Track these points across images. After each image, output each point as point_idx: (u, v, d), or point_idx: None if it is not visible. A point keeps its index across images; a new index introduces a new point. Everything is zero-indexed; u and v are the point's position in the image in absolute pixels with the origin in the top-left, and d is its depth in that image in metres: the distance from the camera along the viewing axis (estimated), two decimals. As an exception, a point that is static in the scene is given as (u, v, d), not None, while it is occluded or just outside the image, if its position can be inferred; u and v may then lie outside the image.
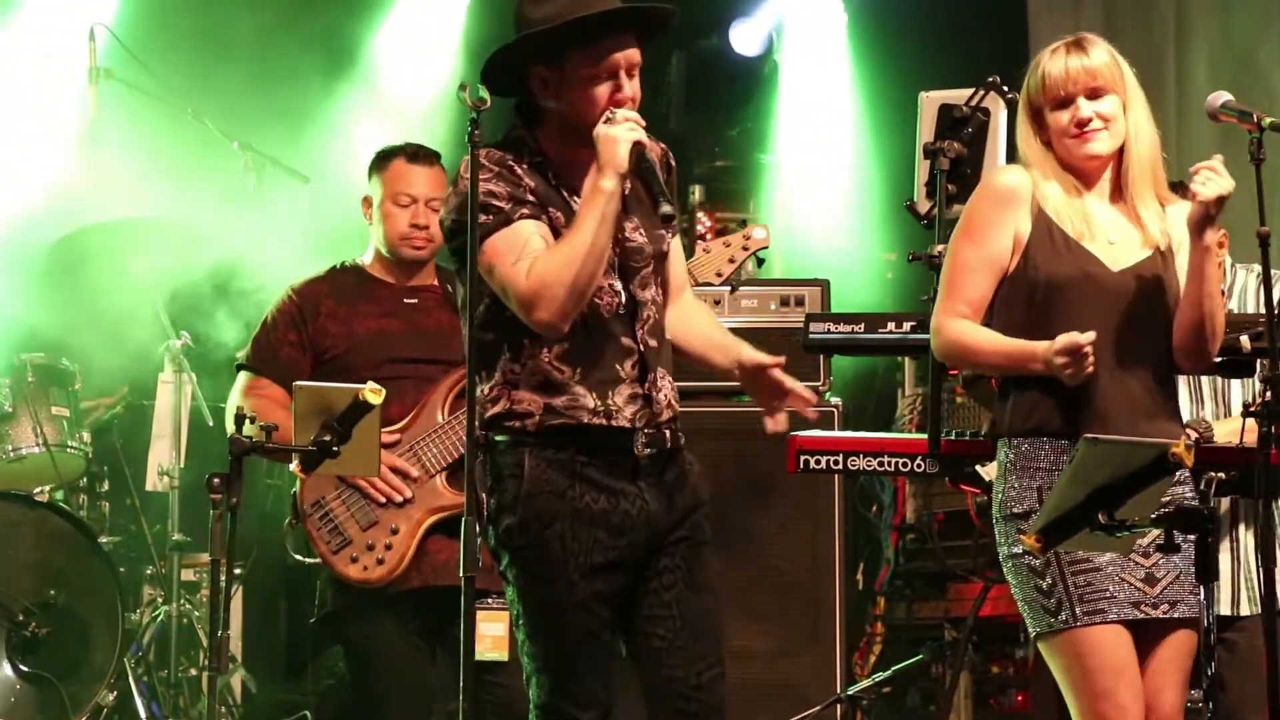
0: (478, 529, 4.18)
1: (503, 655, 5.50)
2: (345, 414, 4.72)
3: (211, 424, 6.65)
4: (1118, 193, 4.49)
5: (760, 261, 5.65)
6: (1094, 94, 4.41)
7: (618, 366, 4.28)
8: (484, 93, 4.34)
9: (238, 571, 6.88)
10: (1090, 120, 4.39)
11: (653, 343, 4.32)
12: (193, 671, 6.39)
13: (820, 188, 8.85)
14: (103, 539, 6.64)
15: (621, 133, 4.17)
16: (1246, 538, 5.15)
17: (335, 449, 4.74)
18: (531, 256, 4.18)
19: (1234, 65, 9.07)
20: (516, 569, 4.31)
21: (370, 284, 5.77)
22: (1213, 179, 4.33)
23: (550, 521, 4.26)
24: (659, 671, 4.32)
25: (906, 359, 8.10)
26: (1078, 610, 4.29)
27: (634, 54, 4.27)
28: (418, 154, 5.73)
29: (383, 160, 5.79)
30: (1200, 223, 4.34)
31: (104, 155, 7.33)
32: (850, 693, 6.60)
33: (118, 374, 7.05)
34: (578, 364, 4.26)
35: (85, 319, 6.85)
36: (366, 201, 5.80)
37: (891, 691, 7.89)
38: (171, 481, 6.57)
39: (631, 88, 4.26)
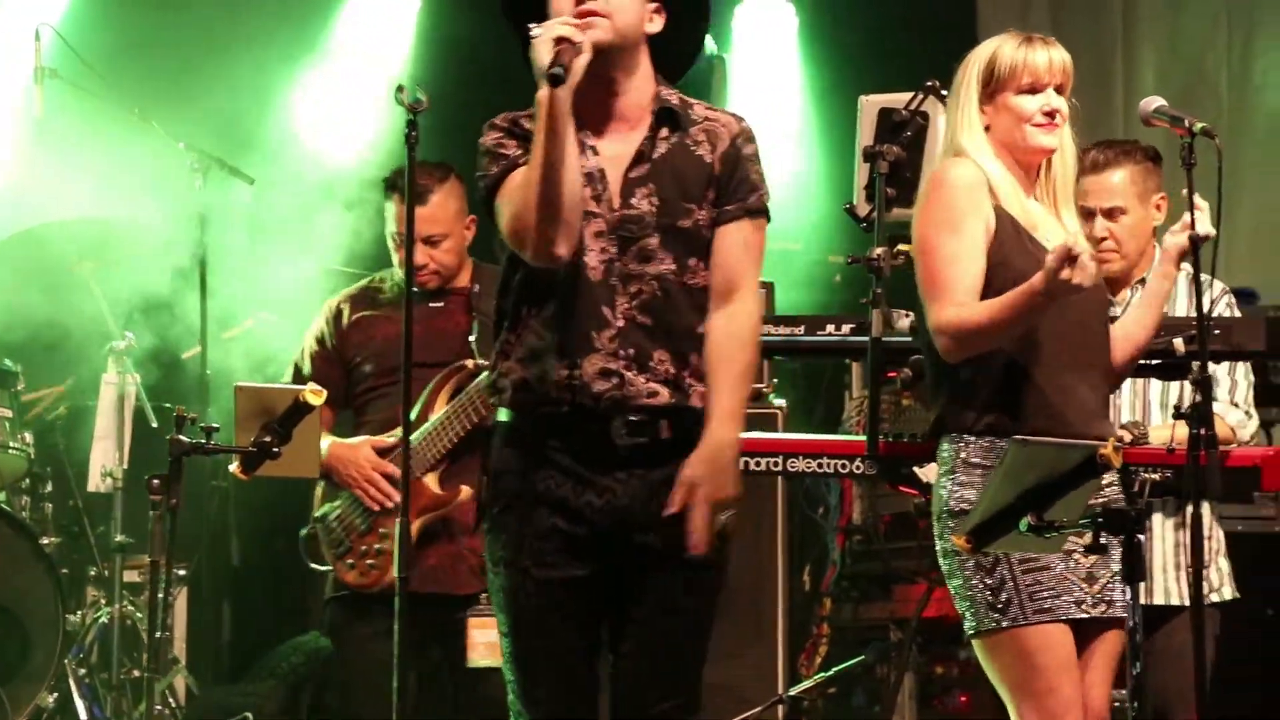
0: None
1: (497, 662, 5.49)
2: (286, 415, 4.76)
3: (155, 425, 6.64)
4: (1040, 196, 4.50)
5: None
6: (1059, 90, 4.44)
7: (593, 336, 4.06)
8: (421, 95, 4.33)
9: (182, 573, 6.87)
10: (1057, 113, 4.41)
11: (645, 320, 4.07)
12: (135, 673, 6.35)
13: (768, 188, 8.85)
14: (45, 540, 6.61)
15: (543, 32, 3.98)
16: (1161, 531, 5.19)
17: (275, 450, 4.77)
18: None
19: (1182, 70, 9.13)
20: (486, 551, 4.19)
21: (399, 289, 5.78)
22: (1204, 218, 4.38)
23: (510, 503, 4.12)
24: (616, 690, 4.17)
25: (854, 362, 8.12)
26: (1027, 609, 4.30)
27: None
28: (414, 189, 5.65)
29: (388, 189, 5.81)
30: (1181, 255, 4.41)
31: (50, 156, 7.31)
32: (791, 693, 6.62)
33: (60, 373, 7.03)
34: (555, 330, 4.07)
35: (29, 319, 6.83)
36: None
37: (837, 692, 7.91)
38: (114, 483, 6.55)
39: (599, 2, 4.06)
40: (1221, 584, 5.29)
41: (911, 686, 7.50)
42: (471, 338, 5.68)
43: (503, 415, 4.18)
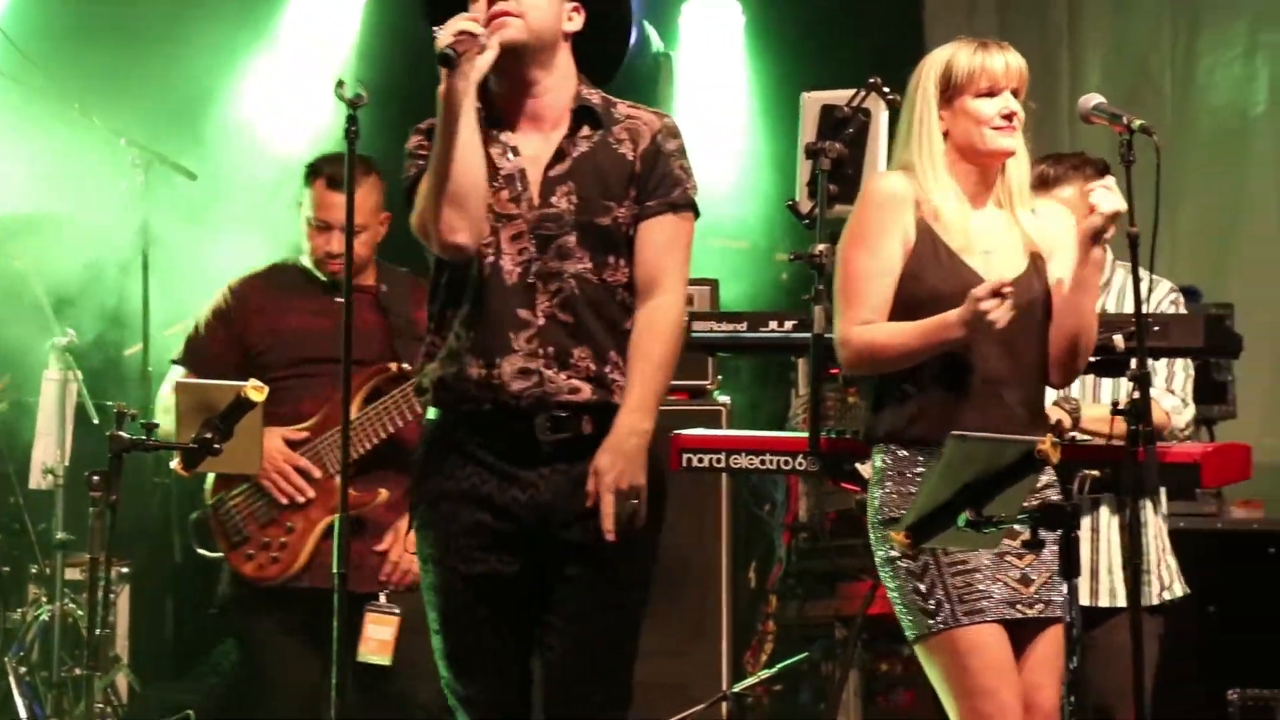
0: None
1: (385, 659, 5.50)
2: (227, 412, 4.72)
3: (96, 421, 6.60)
4: (996, 203, 4.50)
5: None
6: (1015, 94, 4.45)
7: (510, 336, 4.11)
8: (361, 90, 4.34)
9: (124, 570, 6.84)
10: (1015, 115, 4.42)
11: (566, 317, 4.12)
12: (76, 671, 6.32)
13: (715, 186, 8.87)
14: (-15, 537, 6.59)
15: (443, 31, 4.03)
16: (1108, 531, 5.20)
17: (216, 446, 4.74)
18: None
19: (1126, 70, 9.16)
20: (416, 549, 4.24)
21: (307, 283, 5.76)
22: (1109, 195, 4.38)
23: (436, 502, 4.18)
24: (545, 687, 4.19)
25: (801, 359, 8.13)
26: (957, 611, 4.31)
27: None
28: (336, 178, 5.58)
29: (310, 176, 5.76)
30: (1094, 236, 4.37)
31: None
32: (736, 690, 6.62)
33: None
34: (471, 330, 4.13)
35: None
36: (300, 205, 5.79)
37: (782, 689, 7.92)
38: (56, 480, 6.51)
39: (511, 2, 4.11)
40: (1172, 581, 5.31)
41: (856, 684, 7.51)
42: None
43: (430, 414, 4.24)
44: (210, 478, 5.63)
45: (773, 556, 8.42)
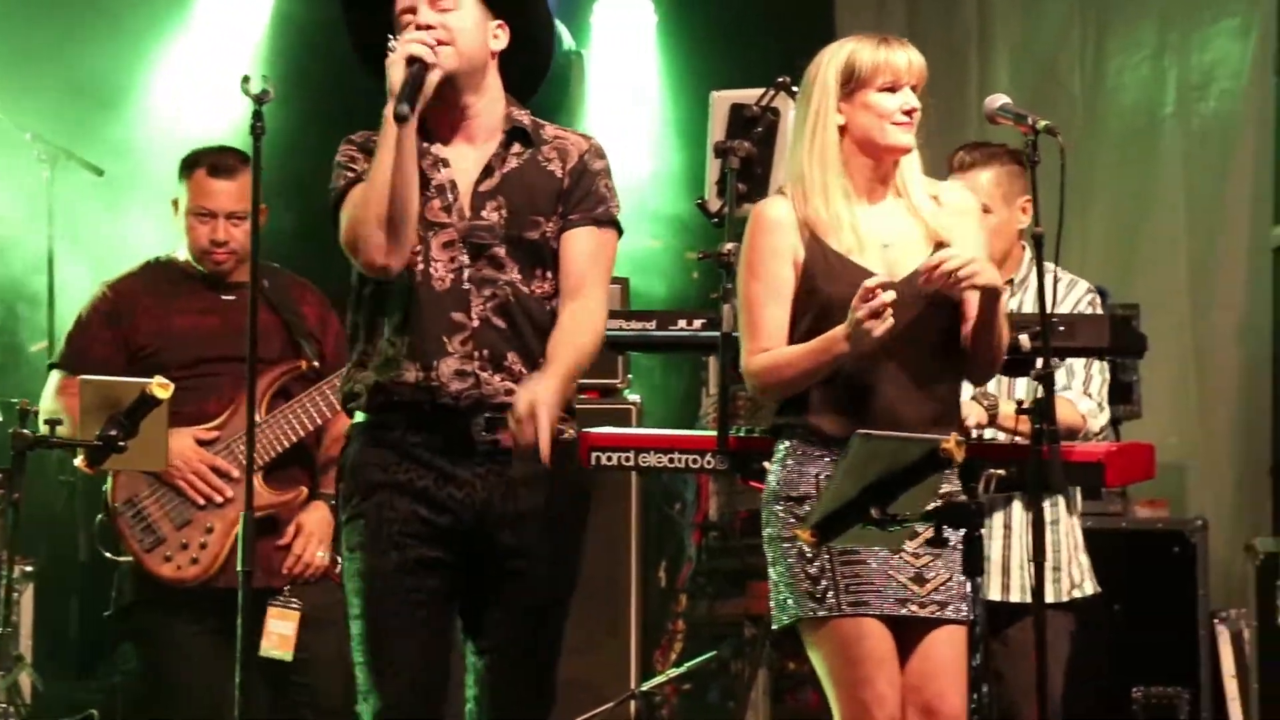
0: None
1: (287, 655, 5.47)
2: (132, 408, 4.70)
3: (0, 419, 6.55)
4: (893, 193, 4.52)
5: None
6: (913, 90, 4.47)
7: (445, 340, 4.17)
8: (267, 85, 4.34)
9: (28, 569, 6.77)
10: (915, 111, 4.44)
11: (499, 323, 4.20)
12: (-20, 671, 6.25)
13: (626, 185, 8.86)
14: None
15: (397, 50, 4.10)
16: (1021, 527, 5.24)
17: (121, 444, 4.71)
18: None
19: (1036, 70, 9.21)
20: (343, 542, 4.27)
21: (188, 280, 5.68)
22: (976, 267, 4.35)
23: (371, 492, 4.21)
24: (478, 686, 4.26)
25: (711, 358, 8.15)
26: (843, 600, 4.33)
27: None
28: (218, 166, 5.57)
29: (188, 168, 5.67)
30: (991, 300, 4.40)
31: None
32: (644, 689, 6.62)
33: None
34: (407, 336, 4.18)
35: None
36: (175, 203, 5.70)
37: (691, 688, 7.93)
38: (-43, 482, 6.44)
39: (432, 16, 4.16)
40: (1083, 579, 5.34)
41: (765, 682, 7.54)
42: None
43: (359, 417, 4.27)
44: (111, 479, 5.54)
45: (683, 555, 8.44)
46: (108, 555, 5.62)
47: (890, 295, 4.19)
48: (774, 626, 4.49)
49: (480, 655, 4.25)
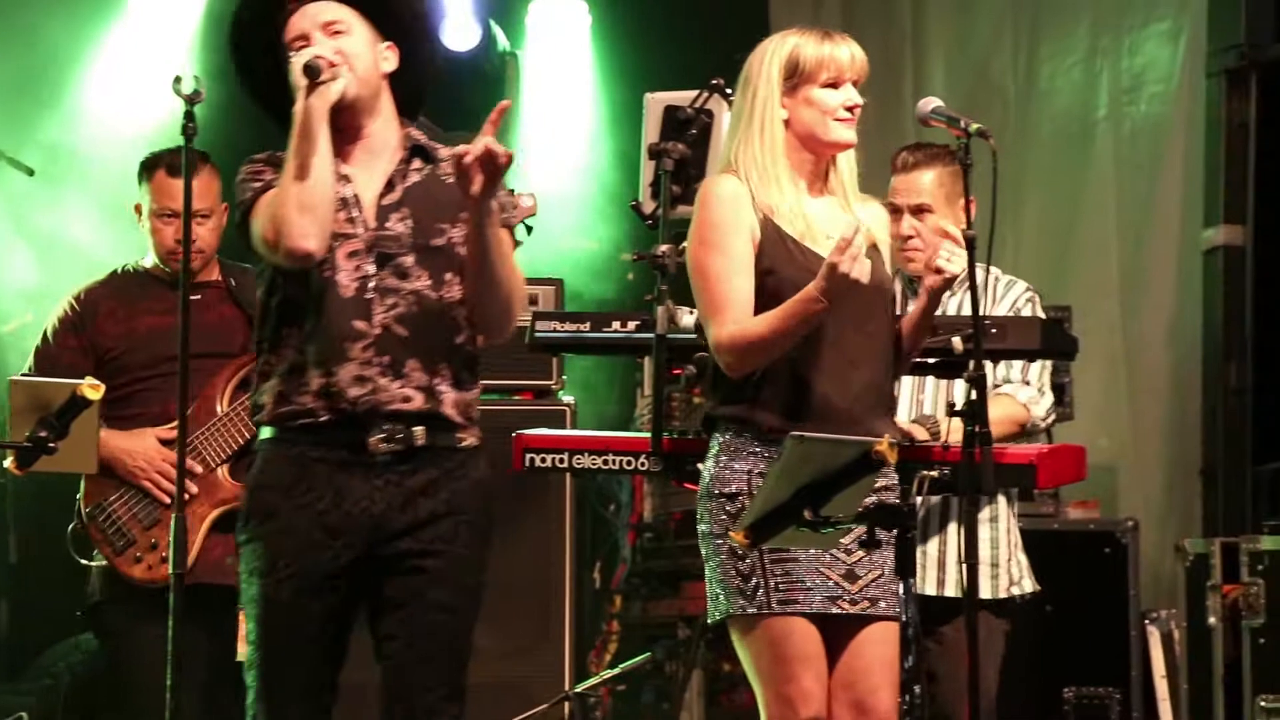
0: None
1: None
2: (63, 410, 4.68)
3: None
4: (829, 190, 4.54)
5: (529, 229, 5.65)
6: (855, 85, 4.49)
7: (347, 346, 4.24)
8: (199, 85, 4.35)
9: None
10: (858, 108, 4.45)
11: (401, 331, 4.26)
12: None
13: (563, 186, 8.87)
14: None
15: (295, 60, 4.22)
16: (958, 523, 5.26)
17: (51, 445, 4.69)
18: None
19: (970, 72, 9.24)
20: (241, 563, 4.33)
21: (151, 284, 5.72)
22: (958, 255, 4.41)
23: (268, 517, 4.27)
24: (388, 692, 4.30)
25: (646, 359, 8.15)
26: (772, 599, 4.34)
27: (319, 10, 4.32)
28: (177, 165, 5.51)
29: (148, 170, 5.71)
30: (939, 293, 4.44)
31: None
32: (578, 690, 6.62)
33: None
34: (311, 344, 4.25)
35: None
36: (138, 208, 5.73)
37: (625, 689, 7.94)
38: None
39: (327, 42, 4.28)
40: (1022, 577, 5.36)
41: (699, 683, 7.56)
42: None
43: (265, 432, 4.34)
44: (83, 486, 5.57)
45: (617, 556, 8.45)
46: (82, 561, 5.62)
47: (863, 239, 4.21)
48: (709, 620, 4.50)
49: (387, 663, 4.30)
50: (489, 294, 4.31)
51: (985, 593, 5.23)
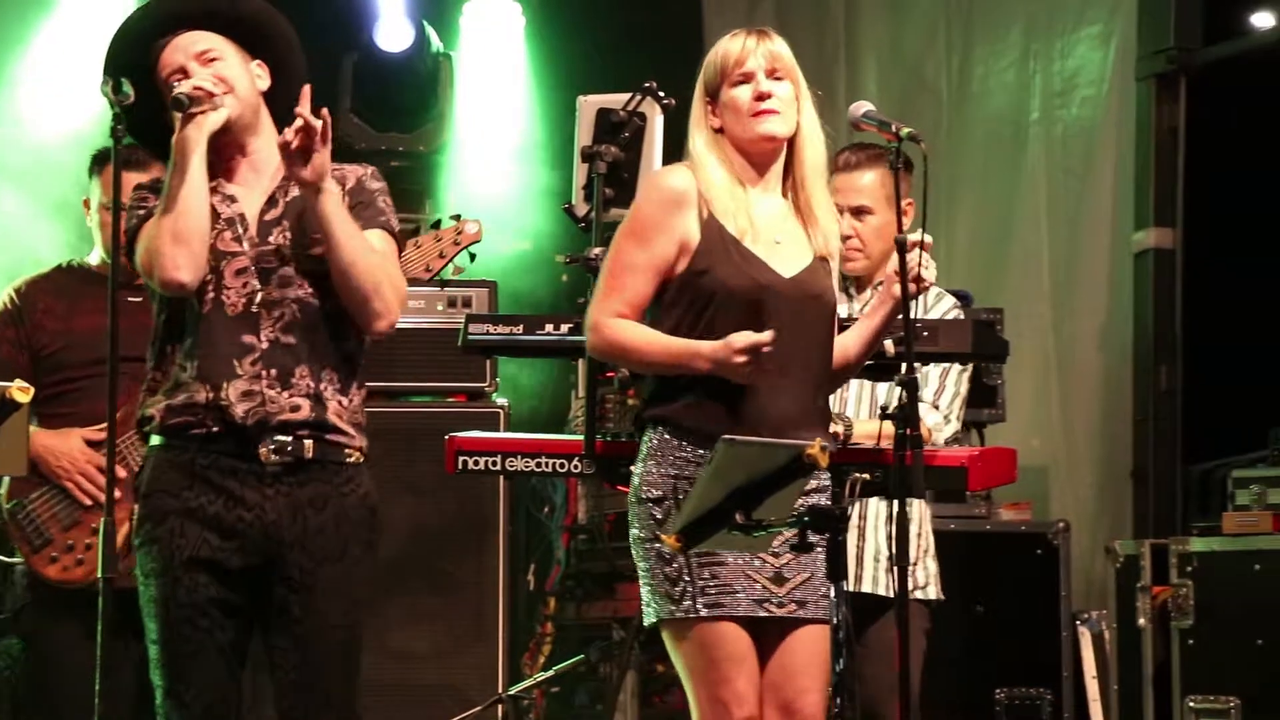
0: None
1: None
2: (-11, 413, 4.64)
3: None
4: (787, 191, 4.54)
5: (472, 256, 5.65)
6: (772, 75, 4.46)
7: (235, 362, 4.36)
8: (128, 88, 4.37)
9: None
10: (770, 96, 4.42)
11: (289, 339, 4.39)
12: None
13: (496, 188, 8.86)
14: None
15: (180, 87, 4.37)
16: (876, 520, 5.28)
17: (-21, 447, 4.66)
18: None
19: (903, 75, 9.27)
20: (138, 567, 4.42)
21: (94, 282, 5.67)
22: (932, 265, 4.43)
23: (162, 519, 4.36)
24: (283, 708, 4.42)
25: (580, 361, 8.15)
26: (699, 603, 4.35)
27: (189, 41, 4.46)
28: (129, 159, 5.51)
29: (98, 164, 5.72)
30: (905, 302, 4.41)
31: None
32: (512, 692, 6.62)
33: None
34: (197, 359, 4.37)
35: None
36: (86, 203, 5.74)
37: (559, 691, 7.93)
38: None
39: (204, 72, 4.41)
40: (927, 583, 5.37)
41: (633, 684, 7.55)
42: None
43: (154, 440, 4.43)
44: (6, 480, 5.54)
45: (551, 558, 8.44)
46: (2, 558, 5.59)
47: (769, 335, 4.24)
48: (644, 623, 4.51)
49: (283, 677, 4.41)
50: (346, 282, 4.40)
51: (894, 590, 5.27)
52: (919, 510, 5.27)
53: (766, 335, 4.26)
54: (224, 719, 4.36)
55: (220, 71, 4.44)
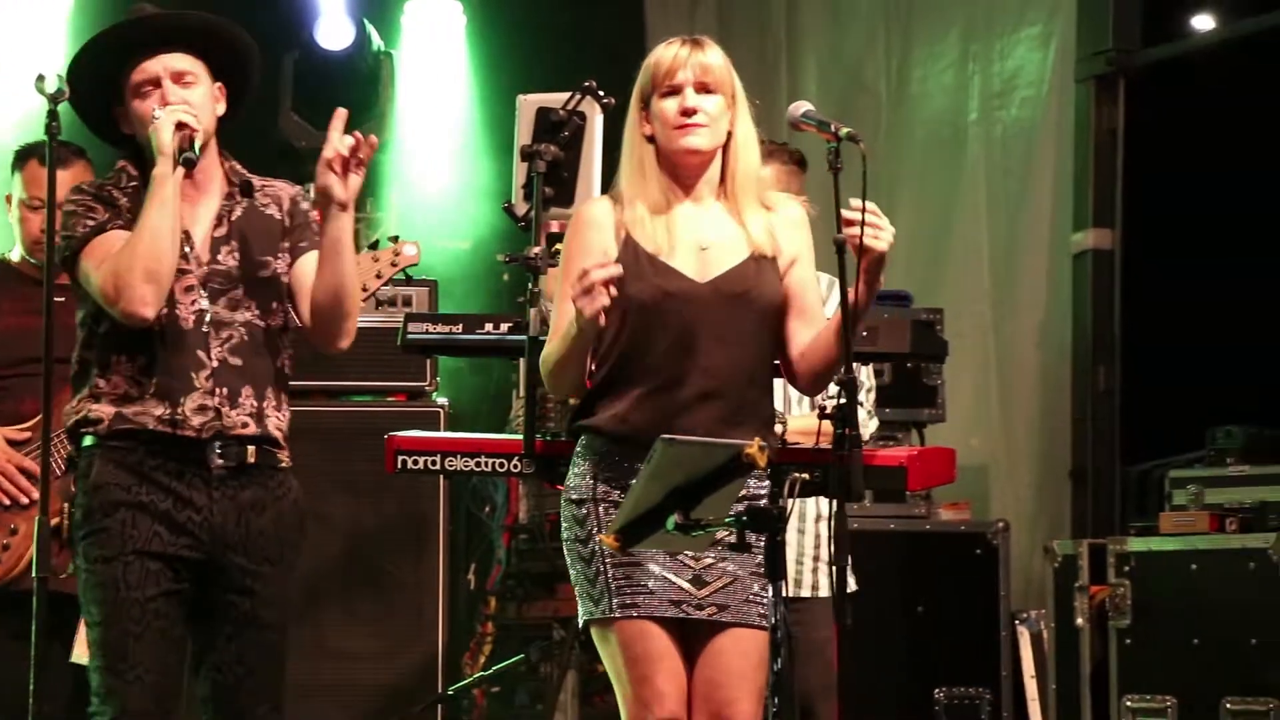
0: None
1: None
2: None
3: None
4: (721, 197, 4.53)
5: (409, 279, 5.65)
6: (702, 89, 4.43)
7: (191, 376, 4.41)
8: (63, 84, 4.35)
9: None
10: (696, 111, 4.41)
11: (236, 361, 4.45)
12: None
13: (436, 186, 8.85)
14: None
15: (164, 117, 4.37)
16: (802, 522, 5.29)
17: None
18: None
19: (844, 78, 9.30)
20: (82, 557, 4.43)
21: (15, 280, 5.65)
22: (883, 233, 4.38)
23: (113, 510, 4.39)
24: (217, 706, 4.48)
25: (521, 361, 8.14)
26: (614, 603, 4.36)
27: (171, 60, 4.48)
28: (57, 157, 5.53)
29: (20, 159, 5.69)
30: (874, 275, 4.37)
31: None
32: (452, 691, 6.61)
33: None
34: (153, 375, 4.41)
35: None
36: (8, 198, 5.71)
37: (500, 691, 7.93)
38: None
39: (179, 94, 4.45)
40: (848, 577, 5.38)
41: (573, 684, 7.55)
42: None
43: (91, 440, 4.46)
44: None
45: (492, 558, 8.44)
46: None
47: (603, 273, 4.20)
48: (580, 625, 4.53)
49: (216, 677, 4.47)
50: (336, 303, 4.49)
51: (823, 589, 5.28)
52: (819, 507, 5.28)
53: (590, 263, 4.23)
54: (165, 704, 4.38)
55: (192, 98, 4.46)
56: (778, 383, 4.81)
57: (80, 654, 5.38)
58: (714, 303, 4.40)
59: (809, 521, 5.31)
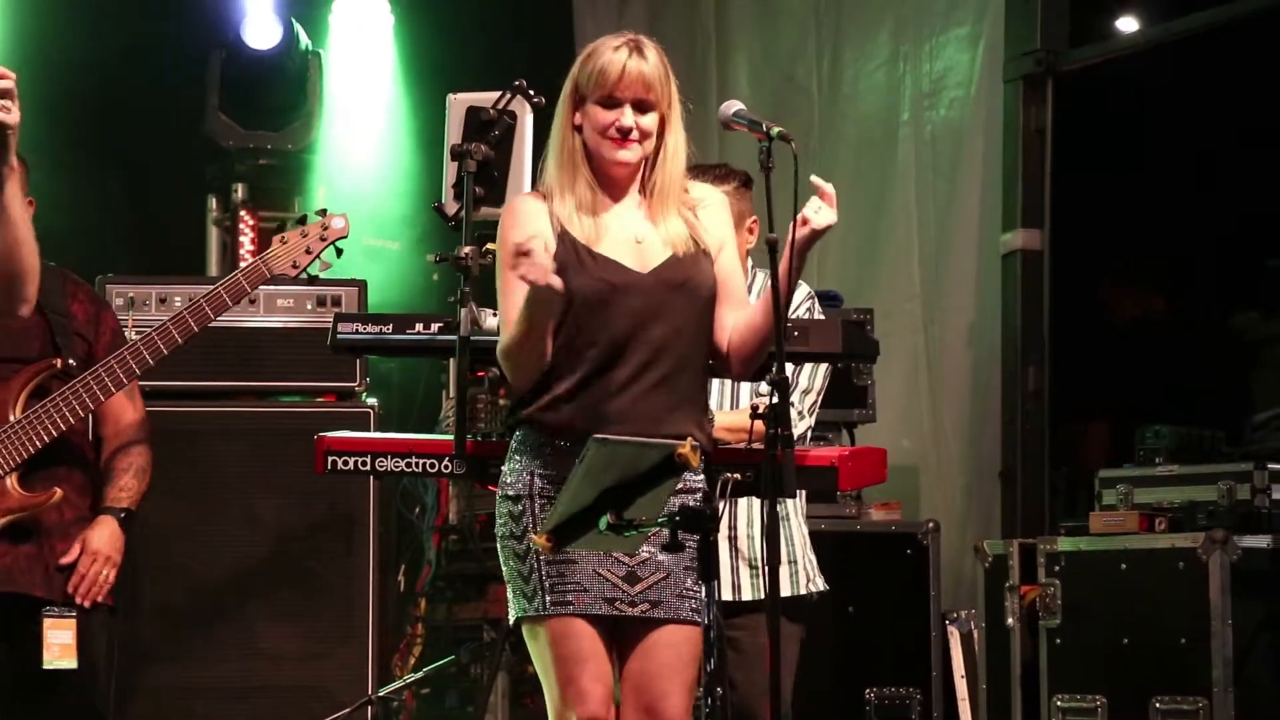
0: None
1: (71, 663, 5.36)
2: None
3: None
4: (645, 197, 4.54)
5: (339, 252, 5.60)
6: (640, 105, 4.45)
7: None
8: None
9: None
10: (631, 131, 4.43)
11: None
12: None
13: (365, 186, 8.82)
14: None
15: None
16: (745, 527, 5.28)
17: None
18: None
19: (775, 78, 9.30)
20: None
21: None
22: (825, 210, 4.39)
23: None
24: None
25: (451, 360, 8.12)
26: (547, 600, 4.37)
27: None
28: None
29: None
30: (806, 247, 4.40)
31: None
32: (381, 693, 6.58)
33: None
34: None
35: None
36: None
37: (430, 692, 7.91)
38: None
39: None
40: (814, 575, 5.39)
41: (504, 686, 7.56)
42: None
43: None
44: None
45: (422, 559, 8.42)
46: None
47: (537, 244, 4.18)
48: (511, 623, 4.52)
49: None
50: (17, 256, 4.32)
51: (786, 589, 5.27)
52: (792, 505, 5.28)
53: (523, 239, 4.20)
54: None
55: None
56: (715, 383, 4.82)
57: (51, 658, 5.36)
58: (657, 292, 4.42)
59: (739, 523, 5.30)
